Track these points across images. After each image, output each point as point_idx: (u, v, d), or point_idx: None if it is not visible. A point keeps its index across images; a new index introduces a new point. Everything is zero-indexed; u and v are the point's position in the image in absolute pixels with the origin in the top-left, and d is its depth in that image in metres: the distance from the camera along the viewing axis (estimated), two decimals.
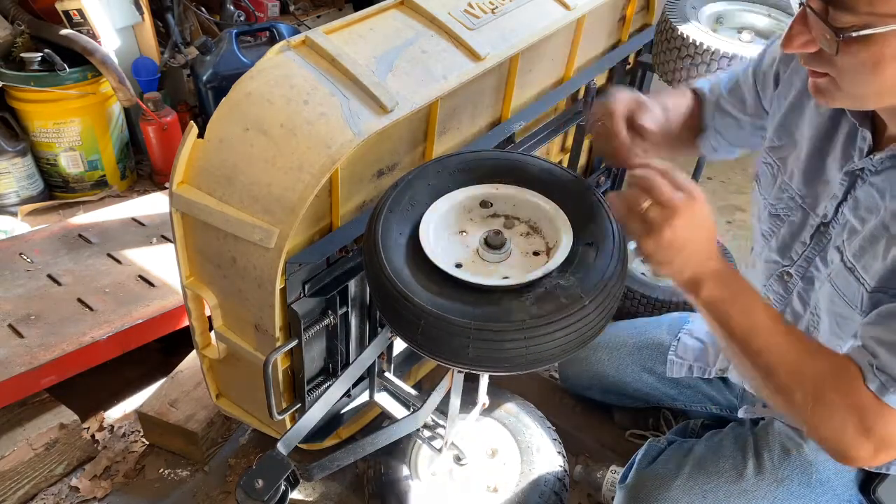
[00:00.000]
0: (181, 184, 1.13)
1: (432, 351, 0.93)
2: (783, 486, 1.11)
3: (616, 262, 0.96)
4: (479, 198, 1.07)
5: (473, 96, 1.40)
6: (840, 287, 0.99)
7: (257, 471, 1.00)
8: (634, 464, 1.22)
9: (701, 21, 1.69)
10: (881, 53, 0.77)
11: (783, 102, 1.10)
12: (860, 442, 0.84)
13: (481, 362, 0.91)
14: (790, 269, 1.11)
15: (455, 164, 1.09)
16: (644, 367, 1.51)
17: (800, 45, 0.84)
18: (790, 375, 0.87)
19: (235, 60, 2.47)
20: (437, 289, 0.93)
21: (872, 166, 0.93)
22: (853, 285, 0.95)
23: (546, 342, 0.90)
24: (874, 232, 0.92)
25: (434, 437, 1.40)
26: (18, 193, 2.38)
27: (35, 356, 1.54)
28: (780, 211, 1.11)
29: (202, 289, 1.26)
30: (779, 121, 1.11)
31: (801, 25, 0.83)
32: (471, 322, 0.89)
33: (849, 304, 0.97)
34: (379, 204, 1.02)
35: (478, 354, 0.90)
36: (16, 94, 2.27)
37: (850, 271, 0.96)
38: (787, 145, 1.10)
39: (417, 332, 0.92)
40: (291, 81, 1.11)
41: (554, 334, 0.89)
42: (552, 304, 0.91)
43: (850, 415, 0.83)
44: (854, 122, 0.96)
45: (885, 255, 0.89)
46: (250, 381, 1.35)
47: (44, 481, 1.55)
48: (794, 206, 1.08)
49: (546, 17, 1.46)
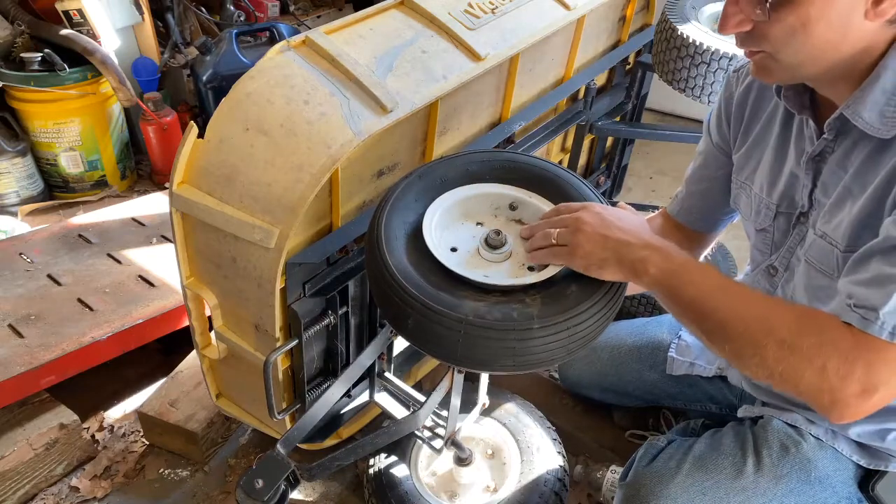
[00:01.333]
0: (181, 184, 1.13)
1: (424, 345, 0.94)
2: (782, 482, 1.11)
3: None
4: (509, 199, 1.09)
5: (473, 96, 1.40)
6: (815, 259, 1.02)
7: (257, 471, 1.00)
8: (634, 462, 1.22)
9: (701, 21, 1.69)
10: (807, 14, 0.82)
11: (750, 135, 1.15)
12: (845, 383, 0.82)
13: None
14: (775, 263, 1.15)
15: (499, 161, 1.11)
16: (644, 367, 1.51)
17: (735, 24, 0.88)
18: (759, 331, 0.85)
19: (235, 60, 2.47)
20: (437, 281, 0.94)
21: (828, 147, 0.98)
22: (826, 250, 0.99)
23: (540, 345, 0.90)
24: (839, 196, 0.97)
25: (434, 437, 1.40)
26: (18, 193, 2.38)
27: (35, 356, 1.54)
28: (765, 225, 1.15)
29: (202, 289, 1.26)
30: (740, 151, 1.17)
31: (733, 6, 0.88)
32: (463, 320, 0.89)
33: (825, 272, 1.00)
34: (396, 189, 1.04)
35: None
36: (16, 94, 2.27)
37: (822, 238, 1.00)
38: (749, 163, 1.16)
39: (407, 322, 0.92)
40: (292, 81, 1.11)
41: (547, 338, 0.89)
42: (557, 305, 0.91)
43: (831, 354, 0.82)
44: (798, 115, 1.02)
45: (850, 212, 0.93)
46: (250, 381, 1.35)
47: (44, 481, 1.55)
48: (772, 214, 1.12)
49: (546, 17, 1.46)
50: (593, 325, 0.93)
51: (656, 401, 1.58)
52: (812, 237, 1.03)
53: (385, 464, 1.45)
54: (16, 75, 2.21)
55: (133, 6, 2.47)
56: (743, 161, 1.18)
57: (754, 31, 0.88)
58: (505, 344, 0.89)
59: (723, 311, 0.88)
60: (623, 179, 2.20)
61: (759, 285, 1.19)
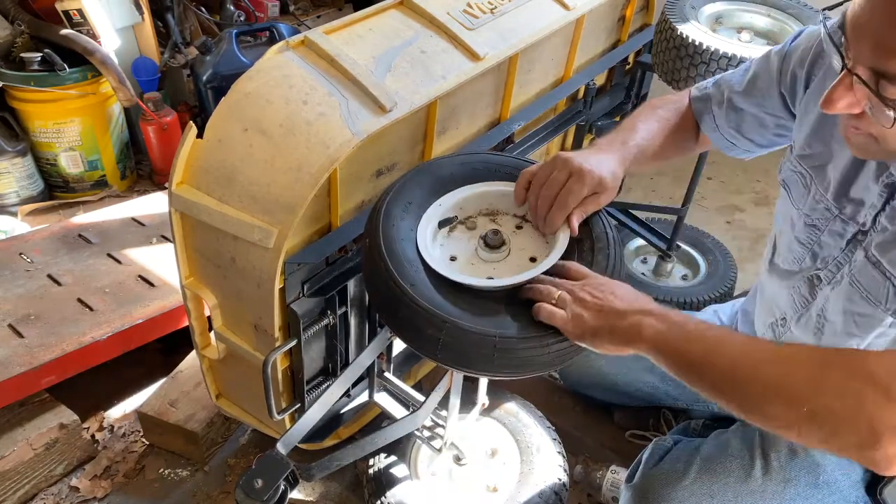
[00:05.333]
0: (180, 184, 1.13)
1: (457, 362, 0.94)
2: (790, 486, 1.10)
3: (616, 261, 0.97)
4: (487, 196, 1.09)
5: (473, 96, 1.40)
6: (863, 284, 0.96)
7: (257, 471, 0.99)
8: (641, 463, 1.22)
9: (700, 21, 1.69)
10: None
11: (815, 108, 1.04)
12: (886, 412, 0.72)
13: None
14: (821, 273, 1.07)
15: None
16: (645, 367, 1.51)
17: (844, 107, 0.80)
18: (775, 376, 0.79)
19: (235, 60, 2.47)
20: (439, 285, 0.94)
21: None
22: (878, 280, 0.93)
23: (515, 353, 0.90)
24: None
25: (434, 437, 1.40)
26: (18, 193, 2.38)
27: (35, 356, 1.54)
28: (817, 221, 1.06)
29: (202, 289, 1.26)
30: (812, 127, 1.05)
31: (844, 90, 0.79)
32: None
33: (871, 301, 0.95)
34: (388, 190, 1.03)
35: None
36: (16, 94, 2.27)
37: (874, 266, 0.93)
38: (821, 154, 1.04)
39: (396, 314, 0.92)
40: (290, 81, 1.11)
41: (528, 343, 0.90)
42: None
43: (865, 384, 0.74)
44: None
45: None
46: (250, 381, 1.35)
47: (44, 481, 1.55)
48: (830, 216, 1.04)
49: (545, 17, 1.46)
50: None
51: (657, 401, 1.58)
52: (863, 260, 0.96)
53: (385, 464, 1.45)
54: (16, 75, 2.21)
55: (133, 6, 2.47)
56: (808, 143, 1.06)
57: (865, 116, 0.80)
58: (540, 350, 0.90)
59: (728, 365, 0.82)
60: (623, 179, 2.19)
61: (798, 293, 1.11)
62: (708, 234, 2.23)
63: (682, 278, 2.13)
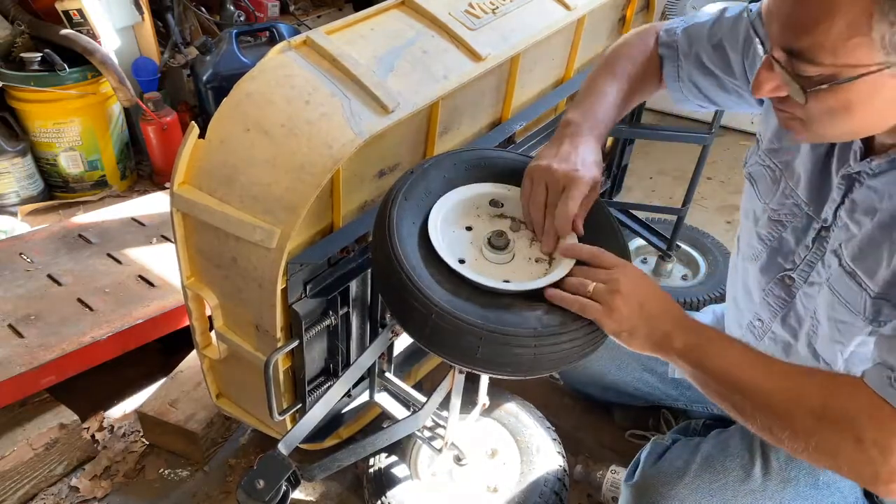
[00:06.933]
0: (182, 184, 1.13)
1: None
2: (790, 486, 1.10)
3: (623, 246, 0.98)
4: (489, 196, 1.08)
5: (474, 96, 1.40)
6: (840, 292, 0.97)
7: (258, 471, 0.99)
8: (640, 462, 1.22)
9: None
10: (849, 99, 0.77)
11: None
12: (888, 457, 0.77)
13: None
14: (792, 273, 1.08)
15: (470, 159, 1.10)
16: (645, 367, 1.51)
17: (769, 90, 0.83)
18: (786, 400, 0.83)
19: (235, 60, 2.47)
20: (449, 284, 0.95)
21: (870, 170, 0.91)
22: (854, 290, 0.94)
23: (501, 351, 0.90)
24: (873, 235, 0.90)
25: (434, 437, 1.40)
26: (18, 193, 2.38)
27: (35, 356, 1.54)
28: (783, 216, 1.07)
29: (203, 289, 1.26)
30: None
31: (768, 72, 0.82)
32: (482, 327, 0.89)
33: (850, 310, 0.95)
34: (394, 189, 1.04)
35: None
36: (16, 94, 2.27)
37: (850, 276, 0.94)
38: (790, 149, 1.05)
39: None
40: (292, 81, 1.11)
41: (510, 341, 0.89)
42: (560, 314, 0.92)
43: (866, 426, 0.78)
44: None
45: (890, 262, 0.87)
46: (251, 381, 1.35)
47: (44, 481, 1.55)
48: (798, 212, 1.04)
49: (546, 18, 1.46)
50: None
51: (657, 401, 1.58)
52: (838, 269, 0.96)
53: (385, 464, 1.45)
54: (16, 75, 2.21)
55: (133, 6, 2.47)
56: (777, 136, 1.07)
57: (790, 98, 0.82)
58: (572, 346, 0.91)
59: (748, 382, 0.86)
60: (623, 179, 2.20)
61: (772, 294, 1.12)
62: (708, 234, 2.23)
63: (682, 278, 2.13)
